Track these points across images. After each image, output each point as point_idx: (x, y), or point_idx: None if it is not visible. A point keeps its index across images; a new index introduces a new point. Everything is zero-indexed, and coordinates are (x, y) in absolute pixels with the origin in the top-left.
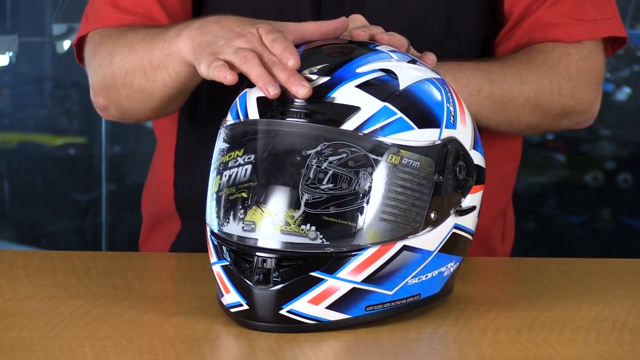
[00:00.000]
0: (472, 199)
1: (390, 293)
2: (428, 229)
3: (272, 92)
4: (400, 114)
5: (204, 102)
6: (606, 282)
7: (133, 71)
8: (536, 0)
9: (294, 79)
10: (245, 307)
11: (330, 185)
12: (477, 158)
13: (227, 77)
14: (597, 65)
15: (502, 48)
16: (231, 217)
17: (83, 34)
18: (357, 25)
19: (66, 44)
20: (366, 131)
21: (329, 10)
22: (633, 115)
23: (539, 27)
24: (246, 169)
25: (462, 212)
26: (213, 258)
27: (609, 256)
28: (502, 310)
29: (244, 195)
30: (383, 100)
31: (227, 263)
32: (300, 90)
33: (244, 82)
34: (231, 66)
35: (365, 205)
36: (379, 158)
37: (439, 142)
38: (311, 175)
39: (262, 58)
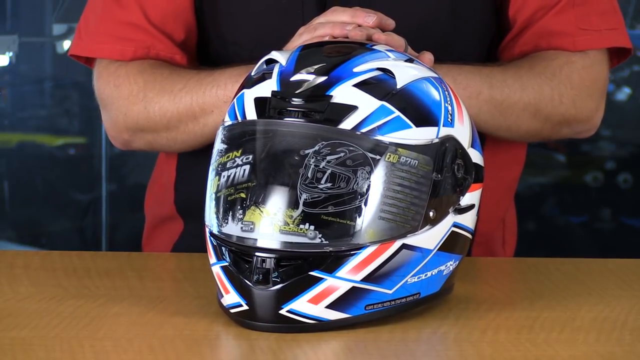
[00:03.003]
0: (470, 198)
1: (390, 292)
2: (427, 227)
3: (371, 19)
4: (397, 113)
5: None
6: (606, 282)
7: (179, 117)
8: (541, 8)
9: (358, 12)
10: (245, 307)
11: (329, 185)
12: (476, 156)
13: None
14: (600, 75)
15: (506, 54)
16: (230, 218)
17: (77, 53)
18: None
19: (66, 44)
20: (364, 130)
21: None
22: (633, 115)
23: (543, 35)
24: (244, 170)
25: (461, 211)
26: (212, 259)
27: (609, 256)
28: (502, 310)
29: (243, 195)
30: (380, 99)
31: (227, 264)
32: (368, 20)
33: (244, 84)
34: None
35: (363, 204)
36: (377, 157)
37: (437, 140)
38: (309, 175)
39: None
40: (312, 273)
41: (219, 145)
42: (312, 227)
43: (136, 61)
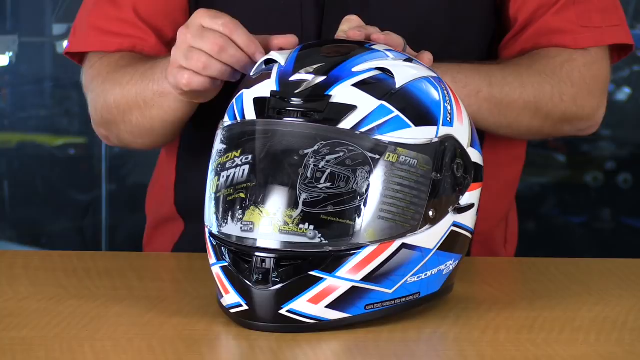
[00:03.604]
0: (470, 197)
1: (390, 291)
2: (427, 227)
3: (259, 57)
4: (397, 113)
5: (206, 106)
6: (606, 282)
7: (130, 110)
8: (542, 6)
9: (254, 46)
10: (245, 307)
11: (328, 184)
12: (475, 156)
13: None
14: (601, 72)
15: (507, 52)
16: (229, 218)
17: (71, 50)
18: (352, 25)
19: (66, 44)
20: (363, 130)
21: (332, 13)
22: (633, 115)
23: (544, 33)
24: (244, 170)
25: (461, 210)
26: (212, 259)
27: (609, 256)
28: (502, 310)
29: (242, 195)
30: (380, 98)
31: (226, 264)
32: (258, 56)
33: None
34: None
35: (363, 203)
36: (377, 156)
37: (436, 140)
38: (309, 175)
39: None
40: (311, 273)
41: (218, 146)
42: (311, 227)
43: (110, 54)
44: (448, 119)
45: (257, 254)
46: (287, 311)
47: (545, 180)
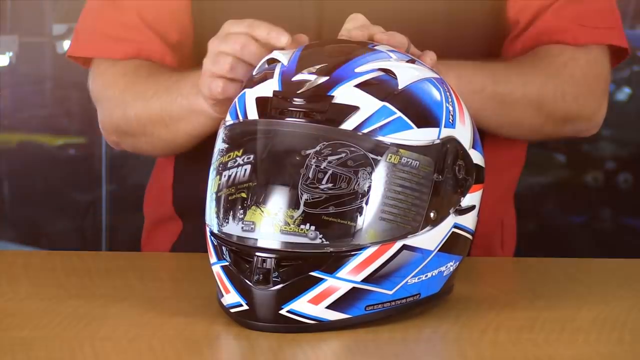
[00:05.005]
0: (471, 199)
1: (390, 293)
2: (427, 228)
3: (284, 39)
4: (399, 114)
5: None
6: (606, 282)
7: (152, 124)
8: (541, 8)
9: (275, 32)
10: (245, 307)
11: (330, 185)
12: (477, 157)
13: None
14: (602, 72)
15: (508, 52)
16: (231, 218)
17: (74, 54)
18: (357, 24)
19: (66, 44)
20: (365, 131)
21: (331, 7)
22: (633, 115)
23: (544, 32)
24: (245, 169)
25: (462, 212)
26: (213, 258)
27: (609, 256)
28: (502, 310)
29: (244, 195)
30: (382, 99)
31: (227, 263)
32: (283, 39)
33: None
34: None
35: (364, 204)
36: (378, 157)
37: (438, 141)
38: (310, 175)
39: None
40: (312, 273)
41: (220, 145)
42: (312, 228)
43: (123, 62)
44: (450, 120)
45: (257, 254)
46: (288, 311)
47: (545, 180)
